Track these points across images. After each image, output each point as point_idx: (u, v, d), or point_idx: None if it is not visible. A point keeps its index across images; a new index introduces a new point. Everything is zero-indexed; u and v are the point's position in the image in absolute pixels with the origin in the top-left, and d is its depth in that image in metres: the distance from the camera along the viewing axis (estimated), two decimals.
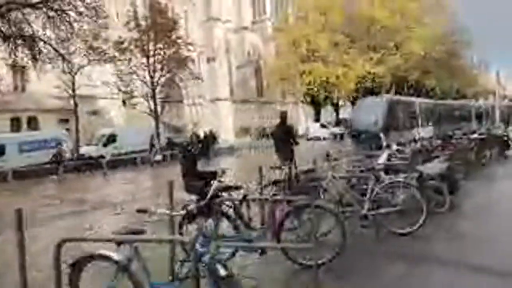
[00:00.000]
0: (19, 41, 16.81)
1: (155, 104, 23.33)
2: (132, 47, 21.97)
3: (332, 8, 37.69)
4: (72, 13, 16.46)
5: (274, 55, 44.65)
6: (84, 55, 19.86)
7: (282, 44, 41.78)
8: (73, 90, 21.23)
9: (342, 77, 36.57)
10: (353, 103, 43.08)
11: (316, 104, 43.18)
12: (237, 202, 4.31)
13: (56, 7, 15.68)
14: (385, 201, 5.10)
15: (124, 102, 34.54)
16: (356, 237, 4.84)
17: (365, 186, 5.30)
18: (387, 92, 41.54)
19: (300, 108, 55.94)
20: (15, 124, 26.84)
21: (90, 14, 16.32)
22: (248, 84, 48.83)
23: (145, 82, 22.80)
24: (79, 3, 16.00)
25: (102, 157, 22.63)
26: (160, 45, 22.47)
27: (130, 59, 22.02)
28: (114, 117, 32.30)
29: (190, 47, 24.02)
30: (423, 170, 6.18)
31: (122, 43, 21.54)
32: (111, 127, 28.09)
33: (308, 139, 24.18)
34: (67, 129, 30.39)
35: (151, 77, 22.85)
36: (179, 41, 23.40)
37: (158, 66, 22.72)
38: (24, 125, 27.31)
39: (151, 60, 22.57)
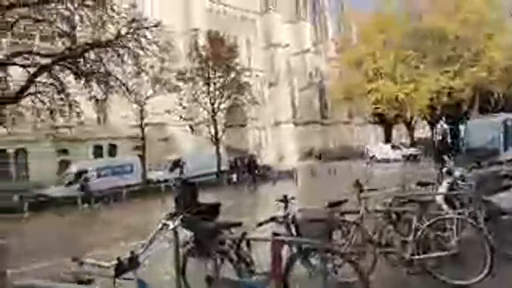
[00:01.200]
0: (94, 77, 19.00)
1: (216, 130, 24.36)
2: (194, 76, 23.49)
3: (391, 25, 36.42)
4: (139, 50, 18.07)
5: (338, 75, 44.09)
6: (151, 86, 21.68)
7: (346, 63, 41.19)
8: (141, 119, 23.18)
9: (412, 93, 34.57)
10: (430, 122, 40.12)
11: (385, 124, 41.24)
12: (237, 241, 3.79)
13: (123, 44, 17.44)
14: (436, 241, 4.21)
15: (192, 128, 36.77)
16: None
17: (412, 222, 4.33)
18: (470, 107, 37.82)
19: (369, 129, 53.75)
20: (98, 152, 30.05)
21: (155, 49, 17.87)
22: (311, 106, 48.60)
23: (205, 109, 24.08)
24: (143, 40, 17.59)
25: (166, 181, 24.14)
26: (219, 73, 23.68)
27: (192, 87, 23.53)
28: (182, 143, 34.33)
29: (247, 73, 24.87)
30: (495, 201, 5.00)
31: (184, 73, 23.16)
32: (180, 152, 29.89)
33: (367, 163, 22.61)
34: (140, 155, 33.17)
35: (212, 104, 24.04)
36: (237, 67, 24.41)
37: (217, 93, 23.86)
38: (105, 152, 30.43)
39: (212, 87, 23.82)
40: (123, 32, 17.22)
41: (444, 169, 6.50)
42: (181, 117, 24.06)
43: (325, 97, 47.73)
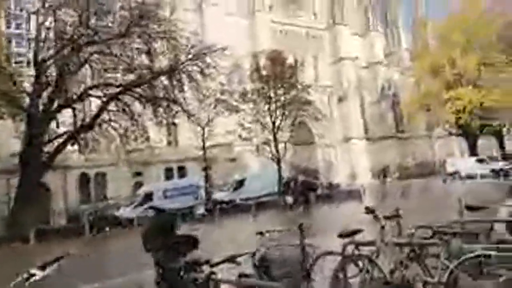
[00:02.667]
0: (160, 103, 19.91)
1: (277, 148, 23.80)
2: (255, 96, 23.42)
3: (476, 24, 32.74)
4: (198, 76, 18.55)
5: (413, 85, 40.92)
6: (213, 108, 22.10)
7: (421, 71, 38.05)
8: (203, 141, 23.61)
9: (502, 100, 30.36)
10: None
11: (469, 135, 36.83)
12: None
13: (184, 70, 18.06)
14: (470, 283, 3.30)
15: (258, 148, 36.71)
16: None
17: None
18: None
19: (453, 142, 48.74)
20: (168, 173, 31.43)
21: (213, 73, 18.23)
22: (384, 120, 45.55)
23: (265, 128, 23.74)
24: (202, 64, 18.03)
25: (231, 201, 24.06)
26: (280, 91, 23.28)
27: (253, 107, 23.45)
28: (249, 163, 34.32)
29: (312, 89, 24.09)
30: None
31: (246, 94, 23.21)
32: (245, 172, 29.86)
33: (444, 180, 19.84)
34: (207, 176, 33.86)
35: (273, 123, 23.62)
36: (298, 85, 23.79)
37: (278, 112, 23.42)
38: (175, 173, 31.69)
39: (273, 106, 23.48)
40: (183, 59, 17.92)
41: None
42: (240, 136, 24.01)
43: (399, 110, 44.38)
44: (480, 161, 32.49)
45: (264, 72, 23.33)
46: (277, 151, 23.73)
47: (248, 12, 37.38)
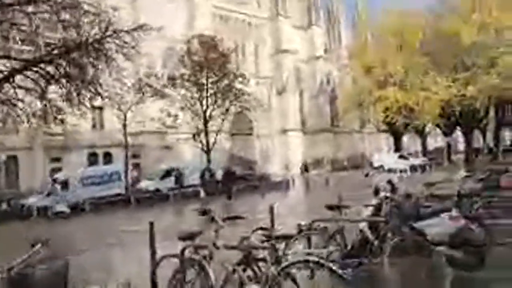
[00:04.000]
0: (83, 84, 18.10)
1: (207, 138, 23.08)
2: (185, 82, 22.36)
3: (408, 29, 34.57)
4: (116, 55, 17.05)
5: (350, 82, 42.45)
6: (137, 92, 20.68)
7: (356, 70, 39.68)
8: (124, 126, 22.15)
9: (423, 102, 32.59)
10: (444, 131, 38.44)
11: (395, 133, 39.22)
12: None
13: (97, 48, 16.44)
14: None
15: (194, 136, 35.66)
16: None
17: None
18: (486, 115, 35.97)
19: (382, 139, 51.70)
20: (93, 159, 29.31)
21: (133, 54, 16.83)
22: (322, 114, 46.75)
23: (197, 115, 22.86)
24: (119, 43, 16.56)
25: (158, 190, 23.01)
26: (212, 79, 22.48)
27: (183, 94, 22.41)
28: (182, 152, 33.16)
29: (240, 79, 23.55)
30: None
31: (174, 79, 22.07)
32: (180, 161, 28.73)
33: (366, 174, 20.91)
34: (137, 164, 32.19)
35: (204, 112, 22.82)
36: (231, 74, 23.15)
37: (210, 100, 22.64)
38: (101, 160, 29.65)
39: (204, 94, 22.63)
40: (95, 35, 16.29)
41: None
42: (164, 124, 22.94)
43: (336, 105, 45.81)
44: (402, 157, 35.00)
45: (195, 58, 22.31)
46: (207, 141, 23.01)
47: None
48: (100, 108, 28.16)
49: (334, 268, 2.91)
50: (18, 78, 17.13)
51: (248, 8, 41.56)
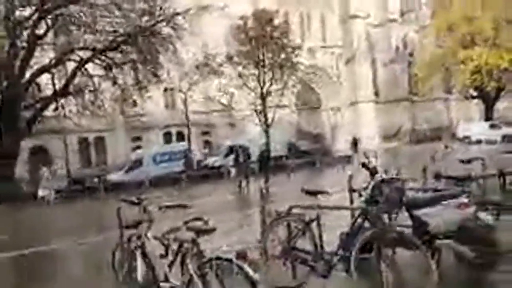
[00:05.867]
0: (145, 68, 19.57)
1: (265, 114, 23.10)
2: (242, 59, 22.50)
3: None
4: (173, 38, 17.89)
5: (430, 46, 38.20)
6: (195, 73, 21.48)
7: (438, 30, 35.44)
8: (185, 105, 23.23)
9: None
10: None
11: (486, 99, 34.69)
12: None
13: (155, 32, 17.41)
14: None
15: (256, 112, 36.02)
16: None
17: None
18: None
19: (474, 105, 45.96)
20: (168, 137, 31.67)
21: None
22: (398, 82, 43.18)
23: (255, 92, 22.92)
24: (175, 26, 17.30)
25: (221, 167, 23.99)
26: (269, 54, 22.23)
27: (240, 72, 22.60)
28: (249, 129, 33.77)
29: (297, 52, 22.81)
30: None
31: (231, 57, 22.34)
32: (245, 138, 29.37)
33: (446, 146, 18.59)
34: (207, 141, 33.84)
35: (261, 88, 22.79)
36: (288, 48, 22.56)
37: (267, 76, 22.46)
38: (174, 138, 31.86)
39: (261, 70, 22.53)
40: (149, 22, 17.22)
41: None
42: (220, 103, 23.45)
43: (415, 71, 41.81)
44: (493, 126, 30.76)
45: (251, 33, 22.19)
46: (266, 117, 23.04)
47: None
48: (171, 89, 30.03)
49: (246, 269, 2.53)
50: (90, 66, 19.21)
51: None
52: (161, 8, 17.22)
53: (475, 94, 35.01)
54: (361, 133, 39.72)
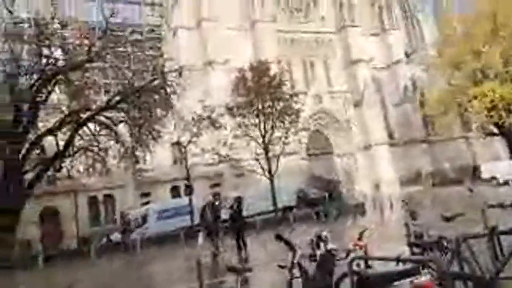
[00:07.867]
0: (144, 125, 19.87)
1: (269, 163, 22.65)
2: (242, 110, 22.65)
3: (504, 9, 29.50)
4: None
5: (439, 83, 37.60)
6: (193, 125, 21.62)
7: (446, 67, 34.98)
8: (185, 159, 23.15)
9: None
10: None
11: (506, 135, 33.07)
12: None
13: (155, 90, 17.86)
14: None
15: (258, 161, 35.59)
16: None
17: None
18: None
19: (497, 142, 43.79)
20: (175, 192, 31.41)
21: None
22: (411, 122, 42.29)
23: (257, 141, 22.71)
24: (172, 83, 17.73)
25: (226, 221, 23.17)
26: (267, 104, 22.32)
27: (240, 122, 22.63)
28: (257, 180, 33.23)
29: (296, 99, 22.83)
30: None
31: (231, 108, 22.54)
32: (251, 189, 28.75)
33: (470, 190, 16.70)
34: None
35: (263, 136, 22.61)
36: (285, 96, 22.66)
37: (267, 125, 22.38)
38: (182, 192, 31.52)
39: (261, 118, 22.52)
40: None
41: None
42: (218, 154, 23.25)
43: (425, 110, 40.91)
44: None
45: (249, 84, 22.53)
46: (269, 167, 22.57)
47: (250, 25, 36.91)
48: (178, 143, 30.36)
49: None
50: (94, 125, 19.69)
51: (313, 26, 40.86)
52: (154, 69, 17.85)
53: (495, 131, 33.45)
54: (379, 178, 38.39)
